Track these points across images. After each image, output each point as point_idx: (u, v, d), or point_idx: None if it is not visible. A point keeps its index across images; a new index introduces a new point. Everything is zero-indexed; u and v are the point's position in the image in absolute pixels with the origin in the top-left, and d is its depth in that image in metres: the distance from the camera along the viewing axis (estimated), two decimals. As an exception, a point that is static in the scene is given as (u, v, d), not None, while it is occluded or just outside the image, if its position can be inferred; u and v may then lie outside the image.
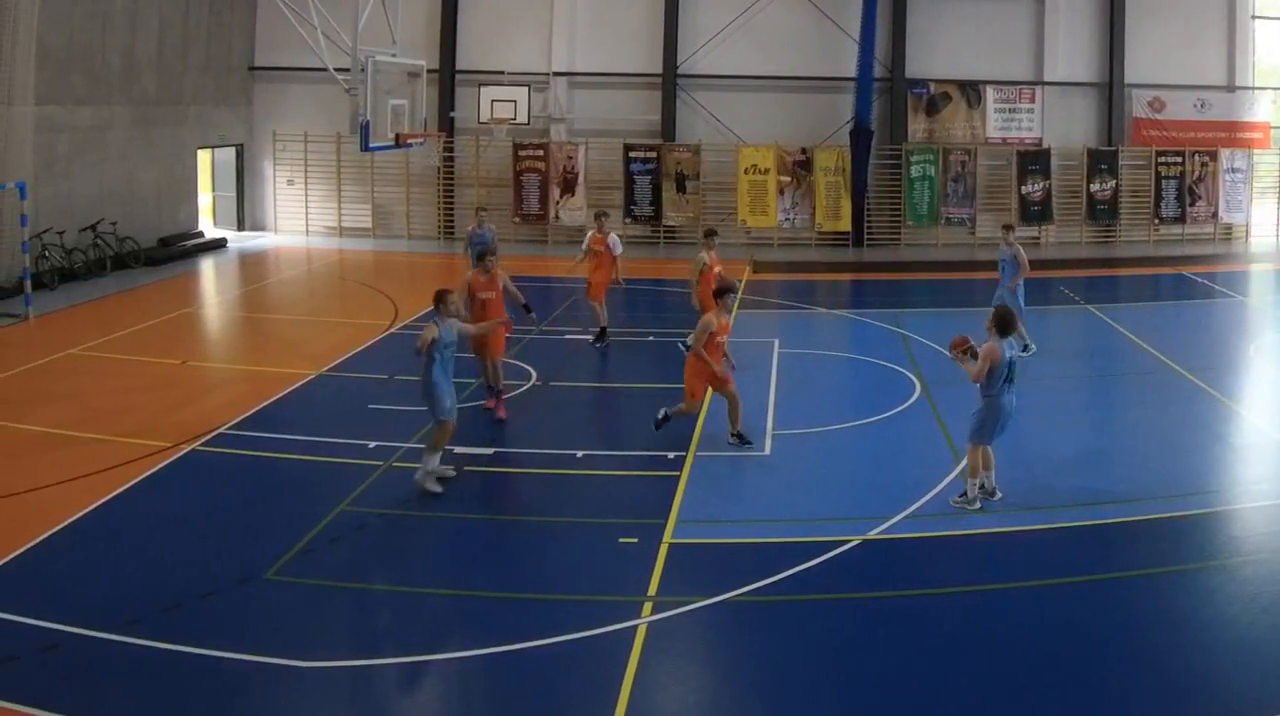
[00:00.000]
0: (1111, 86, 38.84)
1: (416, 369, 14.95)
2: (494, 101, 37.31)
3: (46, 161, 29.04)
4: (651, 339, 24.10)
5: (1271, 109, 39.47)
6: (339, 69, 23.69)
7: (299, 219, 39.99)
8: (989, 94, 38.68)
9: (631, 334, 24.27)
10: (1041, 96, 38.70)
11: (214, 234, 37.97)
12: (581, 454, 16.37)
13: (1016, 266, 21.92)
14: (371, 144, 23.59)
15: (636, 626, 11.13)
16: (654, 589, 12.04)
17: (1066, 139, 38.79)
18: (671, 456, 16.14)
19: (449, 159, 39.25)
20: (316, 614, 11.54)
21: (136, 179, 33.43)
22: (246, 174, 40.23)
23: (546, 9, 38.76)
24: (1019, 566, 12.75)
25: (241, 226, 39.94)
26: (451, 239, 38.70)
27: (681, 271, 32.35)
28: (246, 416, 18.08)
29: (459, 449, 16.25)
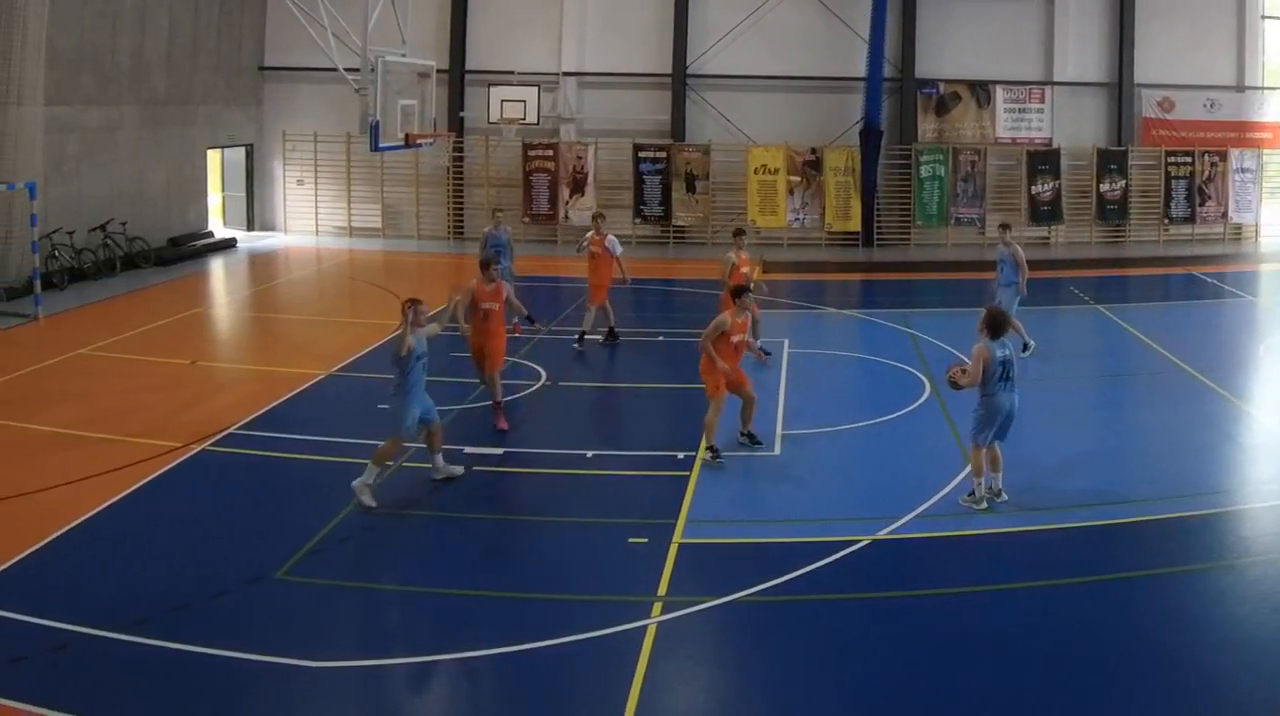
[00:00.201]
0: (1121, 86, 38.73)
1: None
2: (504, 101, 37.33)
3: (56, 161, 29.08)
4: (661, 339, 24.09)
5: (1281, 109, 39.42)
6: (349, 69, 23.71)
7: (309, 219, 40.01)
8: (999, 94, 38.60)
9: (641, 334, 24.27)
10: (1051, 96, 38.62)
11: (224, 234, 38.00)
12: (591, 454, 16.35)
13: (1015, 266, 21.83)
14: (381, 144, 23.58)
15: (646, 626, 11.12)
16: (664, 589, 12.03)
17: (1076, 139, 38.70)
18: (681, 456, 16.13)
19: (459, 159, 39.28)
20: (326, 614, 11.55)
21: (146, 179, 33.47)
22: (256, 174, 40.24)
23: (556, 9, 38.75)
24: (1029, 566, 12.73)
25: (251, 226, 39.97)
26: (461, 239, 38.74)
27: (690, 271, 32.48)
28: (256, 416, 18.09)
29: (469, 449, 16.27)
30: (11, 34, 25.82)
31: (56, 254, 28.64)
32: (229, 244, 36.83)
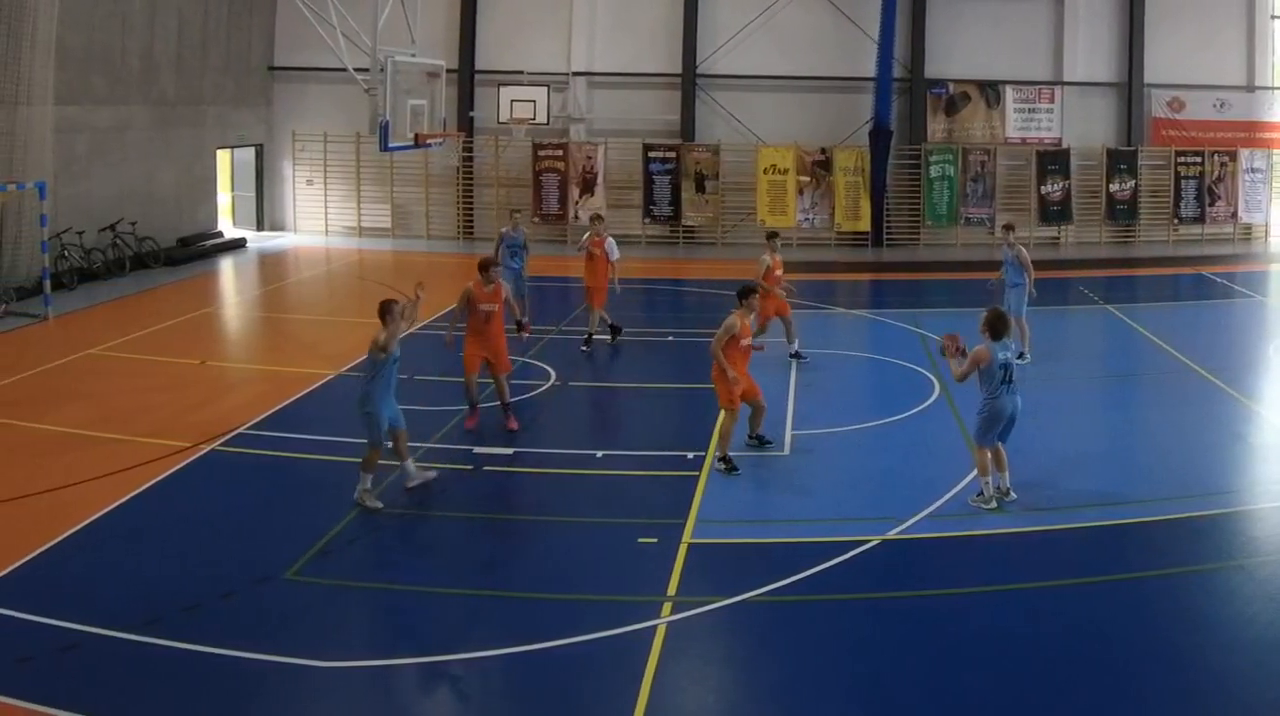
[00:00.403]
0: (1131, 86, 38.69)
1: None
2: (513, 101, 37.32)
3: (66, 161, 29.13)
4: (671, 339, 24.09)
5: (1291, 109, 39.34)
6: (358, 69, 23.69)
7: (318, 219, 40.06)
8: (1008, 94, 38.57)
9: (651, 334, 24.26)
10: (1061, 96, 38.58)
11: (233, 234, 38.06)
12: (601, 454, 16.36)
13: (1020, 267, 21.73)
14: (391, 144, 23.57)
15: (656, 626, 11.11)
16: (673, 589, 12.02)
17: (1086, 139, 38.66)
18: (691, 456, 16.12)
19: (468, 159, 39.30)
20: (335, 614, 11.55)
21: (156, 179, 33.54)
22: (266, 174, 40.33)
23: (566, 9, 38.77)
24: (1038, 566, 12.71)
25: (261, 226, 40.04)
26: (471, 239, 38.77)
27: (700, 271, 32.48)
28: (265, 416, 18.11)
29: (479, 449, 16.30)
30: (21, 34, 25.86)
31: (66, 254, 28.69)
32: (238, 244, 36.87)
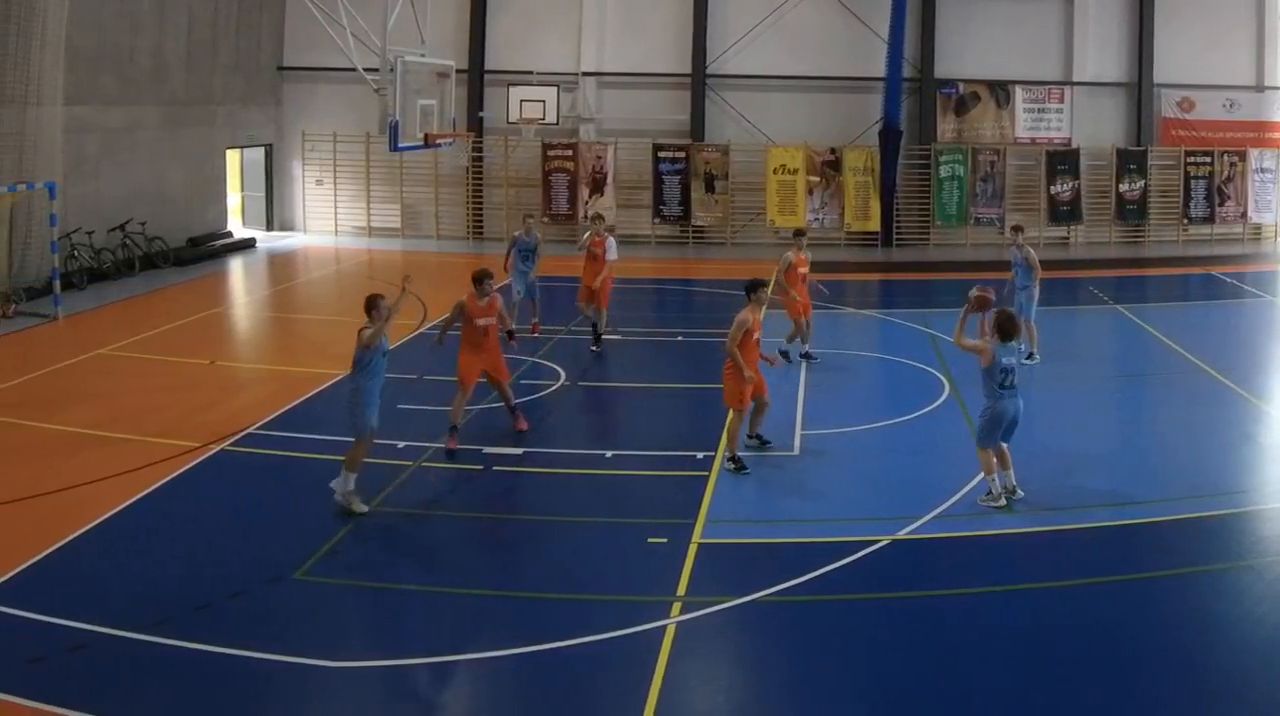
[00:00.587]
0: (1140, 87, 38.59)
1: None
2: (523, 101, 37.26)
3: (76, 161, 29.15)
4: (680, 339, 24.09)
5: (1301, 109, 39.24)
6: (368, 69, 23.71)
7: (328, 219, 40.07)
8: (1018, 94, 38.50)
9: (660, 334, 24.27)
10: (1070, 96, 38.50)
11: (243, 234, 38.10)
12: (610, 454, 16.36)
13: (1029, 268, 21.68)
14: (400, 144, 23.59)
15: (665, 626, 11.11)
16: (683, 589, 12.02)
17: (1095, 139, 38.59)
18: (700, 456, 16.12)
19: (478, 159, 39.28)
20: (345, 613, 11.57)
21: (165, 179, 33.57)
22: (275, 174, 40.34)
23: (576, 9, 38.77)
24: (1048, 566, 12.70)
25: (270, 226, 40.05)
26: (480, 239, 38.77)
27: (709, 271, 32.48)
28: (275, 416, 18.13)
29: (488, 449, 16.30)
30: (31, 34, 25.91)
31: (76, 254, 28.73)
32: (248, 244, 36.92)
